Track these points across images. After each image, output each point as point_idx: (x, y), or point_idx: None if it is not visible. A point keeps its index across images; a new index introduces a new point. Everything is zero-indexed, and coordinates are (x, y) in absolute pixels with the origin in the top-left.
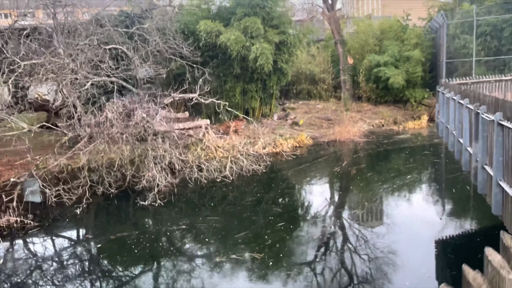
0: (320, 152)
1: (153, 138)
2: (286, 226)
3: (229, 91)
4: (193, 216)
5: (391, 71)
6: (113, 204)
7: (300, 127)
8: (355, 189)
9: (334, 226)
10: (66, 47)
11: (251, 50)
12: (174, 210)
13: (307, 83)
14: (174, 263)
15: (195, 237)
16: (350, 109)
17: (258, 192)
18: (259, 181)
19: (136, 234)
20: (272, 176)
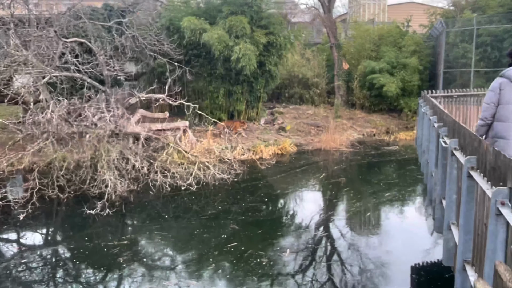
0: (300, 161)
1: (108, 139)
2: (238, 247)
3: (213, 92)
4: (140, 229)
5: (386, 79)
6: (61, 211)
7: (287, 133)
8: (327, 207)
9: (289, 250)
10: (19, 38)
11: (234, 51)
12: (123, 221)
13: (300, 87)
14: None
15: (131, 257)
16: (341, 116)
17: (221, 205)
18: (226, 192)
19: (67, 248)
20: (242, 186)
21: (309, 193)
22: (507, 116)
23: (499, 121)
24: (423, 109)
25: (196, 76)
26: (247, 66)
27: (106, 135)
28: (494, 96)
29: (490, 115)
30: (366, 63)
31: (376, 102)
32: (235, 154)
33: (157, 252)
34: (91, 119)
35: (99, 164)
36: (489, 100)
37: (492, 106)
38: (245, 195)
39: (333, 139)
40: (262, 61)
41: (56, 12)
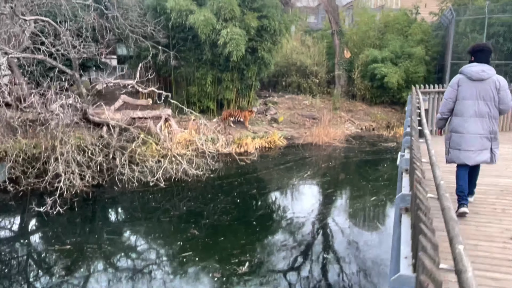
0: (287, 156)
1: (64, 129)
2: (191, 258)
3: (201, 79)
4: (90, 232)
5: (388, 69)
6: (10, 208)
7: (279, 124)
8: (303, 213)
9: (247, 264)
10: None
11: (221, 35)
12: (74, 221)
13: (298, 75)
14: None
15: (67, 267)
16: (340, 108)
17: (188, 205)
18: (198, 189)
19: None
20: (216, 183)
21: (287, 195)
22: (463, 111)
23: (456, 116)
24: (407, 107)
25: (184, 61)
26: (234, 52)
27: (61, 124)
28: (452, 92)
29: (447, 110)
30: (368, 52)
31: (378, 94)
32: (218, 146)
33: (97, 261)
34: (44, 106)
35: (53, 156)
36: (447, 96)
37: (450, 102)
38: (217, 194)
39: (326, 133)
40: (254, 46)
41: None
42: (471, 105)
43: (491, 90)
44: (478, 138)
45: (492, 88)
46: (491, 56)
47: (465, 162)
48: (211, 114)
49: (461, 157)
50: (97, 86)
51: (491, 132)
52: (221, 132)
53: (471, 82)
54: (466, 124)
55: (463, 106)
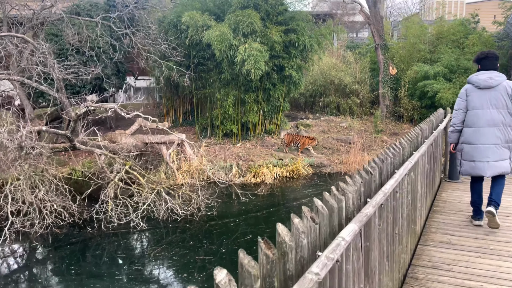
0: (307, 189)
1: (21, 162)
2: None
3: (223, 101)
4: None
5: (440, 85)
6: None
7: (310, 150)
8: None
9: None
10: None
11: (239, 51)
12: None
13: (337, 95)
14: None
15: None
16: (383, 130)
17: (156, 259)
18: (181, 234)
19: None
20: (208, 226)
21: None
22: (474, 121)
23: (467, 126)
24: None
25: (205, 81)
26: (252, 70)
27: (11, 156)
28: (461, 103)
29: (459, 121)
30: (417, 67)
31: (428, 115)
32: (231, 176)
33: None
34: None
35: (4, 190)
36: (457, 107)
37: (461, 112)
38: (200, 242)
39: (359, 160)
40: (280, 64)
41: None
42: (483, 114)
43: (502, 97)
44: (493, 148)
45: (503, 94)
46: (498, 62)
47: (480, 174)
48: (235, 138)
49: (476, 169)
50: (77, 111)
51: (508, 141)
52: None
53: (480, 91)
54: (479, 134)
55: (475, 116)
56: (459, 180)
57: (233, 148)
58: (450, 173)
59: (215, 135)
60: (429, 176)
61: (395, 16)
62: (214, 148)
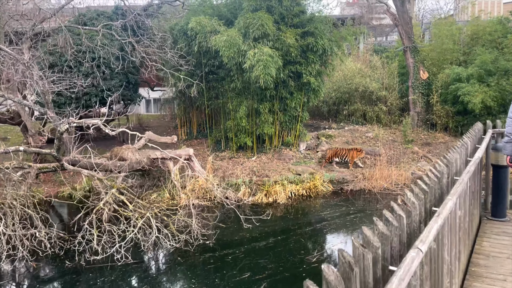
0: (324, 211)
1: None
2: None
3: (235, 111)
4: None
5: (473, 88)
6: None
7: (331, 162)
8: None
9: None
10: None
11: (247, 57)
12: None
13: (362, 102)
14: None
15: None
16: (414, 140)
17: None
18: (172, 269)
19: None
20: (201, 259)
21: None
22: None
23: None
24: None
25: (217, 91)
26: (261, 76)
27: None
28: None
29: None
30: (449, 70)
31: (464, 122)
32: (240, 195)
33: None
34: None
35: None
36: (511, 114)
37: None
38: (188, 282)
39: (386, 176)
40: (298, 71)
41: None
42: None
43: None
44: None
45: None
46: None
47: None
48: (249, 151)
49: None
50: (59, 128)
51: None
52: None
53: None
54: None
55: None
56: (505, 218)
57: (248, 162)
58: (493, 208)
59: (229, 148)
60: (464, 225)
61: (428, 18)
62: (228, 163)
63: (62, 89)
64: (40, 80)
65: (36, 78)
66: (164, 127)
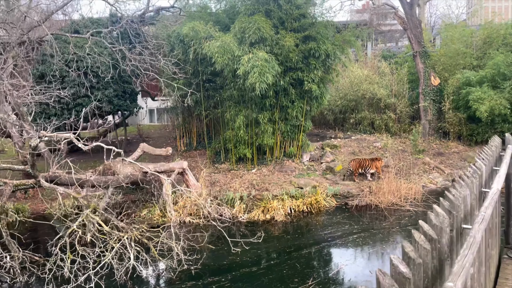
0: (325, 230)
1: None
2: None
3: (234, 121)
4: None
5: (483, 93)
6: None
7: (335, 175)
8: None
9: None
10: None
11: (241, 62)
12: None
13: (371, 110)
14: None
15: None
16: (425, 150)
17: None
18: None
19: None
20: (185, 286)
21: None
22: None
23: None
24: None
25: (215, 100)
26: (257, 83)
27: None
28: None
29: None
30: (461, 74)
31: (478, 130)
32: (236, 211)
33: None
34: None
35: None
36: None
37: None
38: None
39: (394, 190)
40: (299, 77)
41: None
42: None
43: None
44: None
45: None
46: None
47: None
48: (249, 163)
49: None
50: (30, 143)
51: None
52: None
53: None
54: None
55: None
56: None
57: (247, 175)
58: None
59: (229, 160)
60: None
61: (440, 24)
62: (226, 175)
63: (48, 100)
64: (16, 91)
65: (6, 90)
66: (165, 138)
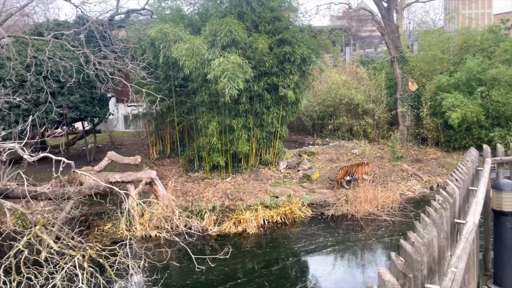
0: (298, 244)
1: None
2: None
3: (207, 128)
4: None
5: (456, 100)
6: None
7: (312, 183)
8: None
9: None
10: None
11: (211, 67)
12: None
13: (349, 116)
14: None
15: None
16: (403, 156)
17: None
18: None
19: None
20: None
21: None
22: None
23: None
24: None
25: (190, 106)
26: (227, 89)
27: None
28: None
29: None
30: (436, 79)
31: (456, 136)
32: (206, 223)
33: None
34: None
35: None
36: None
37: None
38: None
39: (371, 198)
40: (274, 83)
41: None
42: None
43: None
44: None
45: None
46: None
47: None
48: (224, 171)
49: None
50: None
51: None
52: None
53: None
54: None
55: None
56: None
57: (221, 184)
58: (498, 272)
59: (202, 168)
60: None
61: (418, 30)
62: (199, 184)
63: (2, 106)
64: None
65: None
66: (138, 145)
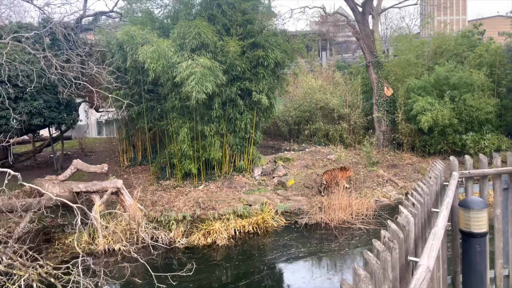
0: (268, 255)
1: None
2: None
3: (178, 135)
4: None
5: (427, 104)
6: None
7: (287, 190)
8: None
9: None
10: None
11: (178, 70)
12: None
13: (325, 121)
14: None
15: None
16: (379, 162)
17: None
18: None
19: None
20: None
21: None
22: None
23: None
24: None
25: (161, 111)
26: (194, 93)
27: None
28: None
29: None
30: (408, 83)
31: (431, 141)
32: (174, 235)
33: None
34: None
35: None
36: None
37: None
38: None
39: (345, 206)
40: (246, 87)
41: None
42: None
43: None
44: None
45: None
46: None
47: None
48: (196, 179)
49: None
50: None
51: None
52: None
53: None
54: None
55: None
56: None
57: (193, 192)
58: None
59: (174, 175)
60: None
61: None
62: (170, 193)
63: None
64: None
65: None
66: (109, 152)
